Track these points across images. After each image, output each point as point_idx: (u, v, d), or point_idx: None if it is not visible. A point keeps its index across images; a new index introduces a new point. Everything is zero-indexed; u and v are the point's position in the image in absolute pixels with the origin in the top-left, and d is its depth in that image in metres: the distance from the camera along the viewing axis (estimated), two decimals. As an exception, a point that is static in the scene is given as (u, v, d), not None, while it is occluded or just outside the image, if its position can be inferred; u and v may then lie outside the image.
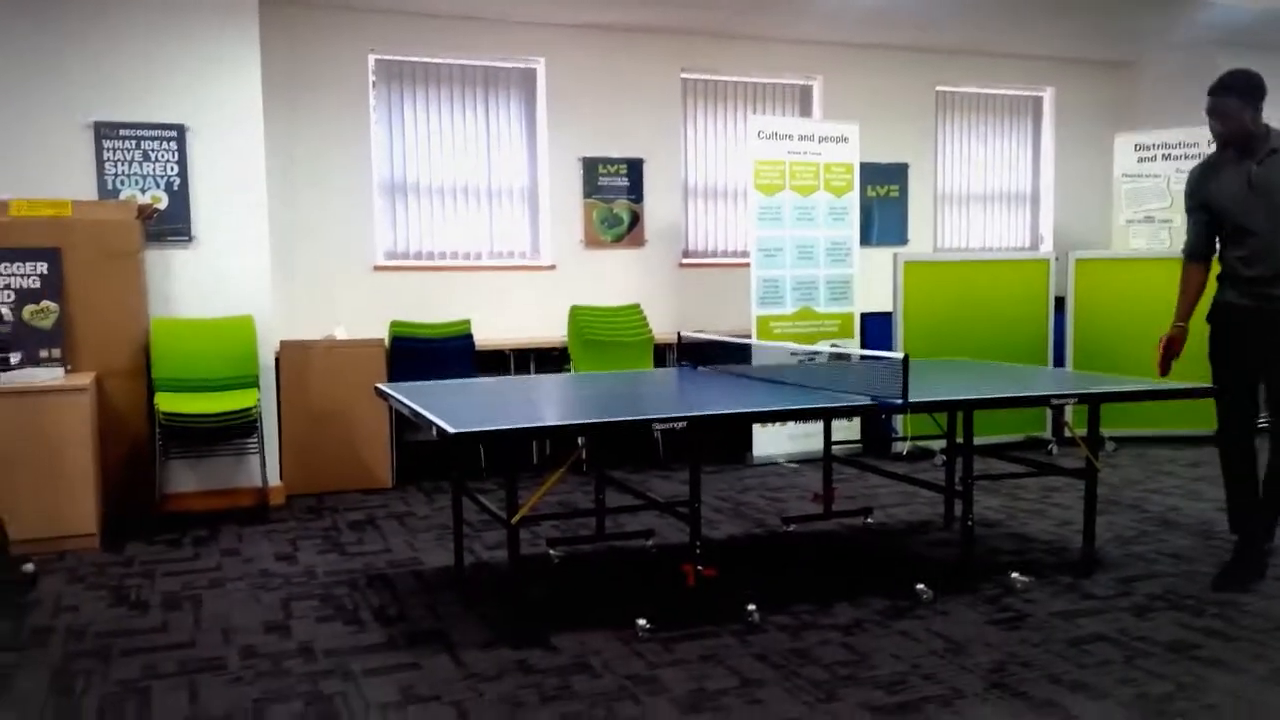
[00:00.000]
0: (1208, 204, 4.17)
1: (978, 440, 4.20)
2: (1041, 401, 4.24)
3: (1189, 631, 3.60)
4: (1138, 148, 7.95)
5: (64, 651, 3.57)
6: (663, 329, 7.26)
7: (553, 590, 4.21)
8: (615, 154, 7.58)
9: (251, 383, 5.65)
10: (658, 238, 7.72)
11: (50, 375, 5.02)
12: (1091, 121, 8.85)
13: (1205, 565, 4.36)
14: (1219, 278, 4.22)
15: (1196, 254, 4.26)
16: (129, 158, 5.60)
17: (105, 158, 5.55)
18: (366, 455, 6.15)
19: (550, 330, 7.20)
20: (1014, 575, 4.15)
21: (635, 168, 7.65)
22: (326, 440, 6.07)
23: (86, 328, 5.33)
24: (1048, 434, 7.17)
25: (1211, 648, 3.45)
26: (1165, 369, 4.28)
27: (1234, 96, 4.00)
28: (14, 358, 5.13)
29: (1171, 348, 4.26)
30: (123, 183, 5.60)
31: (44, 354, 5.21)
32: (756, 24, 7.51)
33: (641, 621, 3.67)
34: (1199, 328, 4.21)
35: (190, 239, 5.71)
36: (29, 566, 4.33)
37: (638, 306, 7.23)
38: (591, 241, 7.55)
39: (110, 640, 3.68)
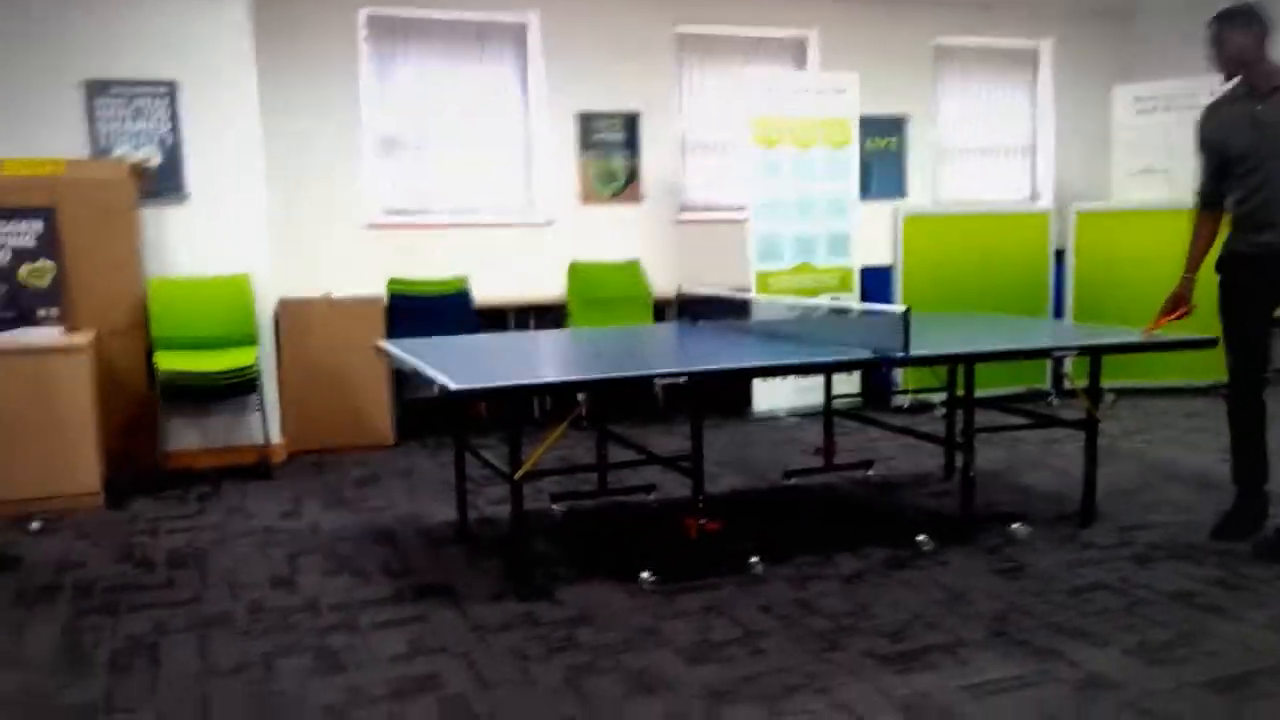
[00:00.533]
0: (1214, 144, 4.05)
1: (978, 393, 4.20)
2: (1042, 354, 4.24)
3: (1189, 580, 3.63)
4: (1137, 99, 7.89)
5: (72, 608, 3.60)
6: (662, 284, 7.24)
7: (556, 544, 4.24)
8: (611, 108, 7.51)
9: (250, 340, 5.64)
10: (655, 193, 7.68)
11: (48, 335, 5.01)
12: (1090, 72, 8.76)
13: (1204, 515, 4.38)
14: (1230, 223, 4.08)
15: (1206, 199, 4.13)
16: (121, 115, 5.55)
17: (97, 116, 5.50)
18: (367, 412, 6.16)
19: (549, 287, 7.18)
20: (1015, 526, 4.17)
21: (631, 122, 7.59)
22: (327, 398, 6.06)
23: (84, 287, 5.31)
24: (1048, 386, 7.18)
25: (1212, 595, 3.48)
26: (1157, 323, 4.20)
27: (1233, 25, 3.90)
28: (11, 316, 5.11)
29: (1178, 305, 4.15)
30: (115, 141, 5.55)
31: (42, 313, 5.20)
32: (754, -25, 7.42)
33: (645, 574, 3.69)
34: (1207, 278, 4.15)
35: (185, 196, 5.67)
36: (35, 524, 4.34)
37: (636, 262, 7.21)
38: (589, 197, 7.51)
39: (118, 596, 3.70)
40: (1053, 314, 7.23)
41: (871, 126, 8.06)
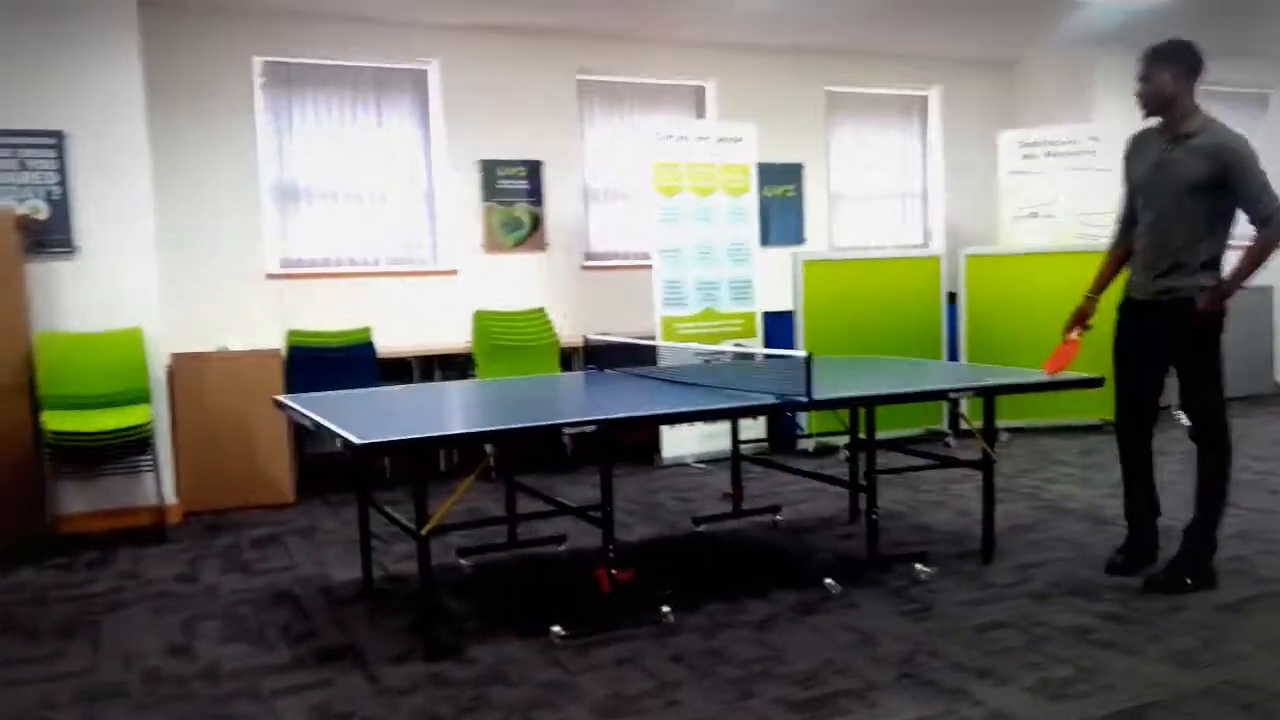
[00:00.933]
0: (1126, 174, 4.15)
1: (880, 434, 4.29)
2: (939, 396, 4.34)
3: (1086, 616, 3.74)
4: (1021, 145, 8.21)
5: (-49, 686, 3.42)
6: (568, 332, 7.24)
7: (465, 600, 4.17)
8: (513, 156, 7.53)
9: (143, 397, 5.47)
10: (559, 241, 7.70)
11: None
12: (977, 120, 9.10)
13: (1099, 550, 4.52)
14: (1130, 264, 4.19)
15: (1121, 226, 4.24)
16: (5, 166, 5.37)
17: (-20, 166, 5.31)
18: (266, 469, 6.00)
19: (453, 336, 7.12)
20: (918, 566, 4.25)
21: (534, 170, 7.61)
22: (224, 455, 5.90)
23: None
24: (945, 427, 7.36)
25: (1108, 631, 3.59)
26: (1054, 366, 4.31)
27: (1159, 62, 3.93)
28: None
29: (1079, 319, 4.26)
30: (1, 191, 5.36)
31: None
32: (649, 26, 7.54)
33: (556, 628, 3.66)
34: (1108, 308, 4.23)
35: (73, 250, 5.49)
36: None
37: (542, 310, 7.20)
38: (492, 245, 7.49)
39: (2, 670, 3.52)
40: (947, 355, 7.43)
41: (769, 174, 8.24)
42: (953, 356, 7.46)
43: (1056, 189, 8.09)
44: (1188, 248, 3.95)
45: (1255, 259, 3.85)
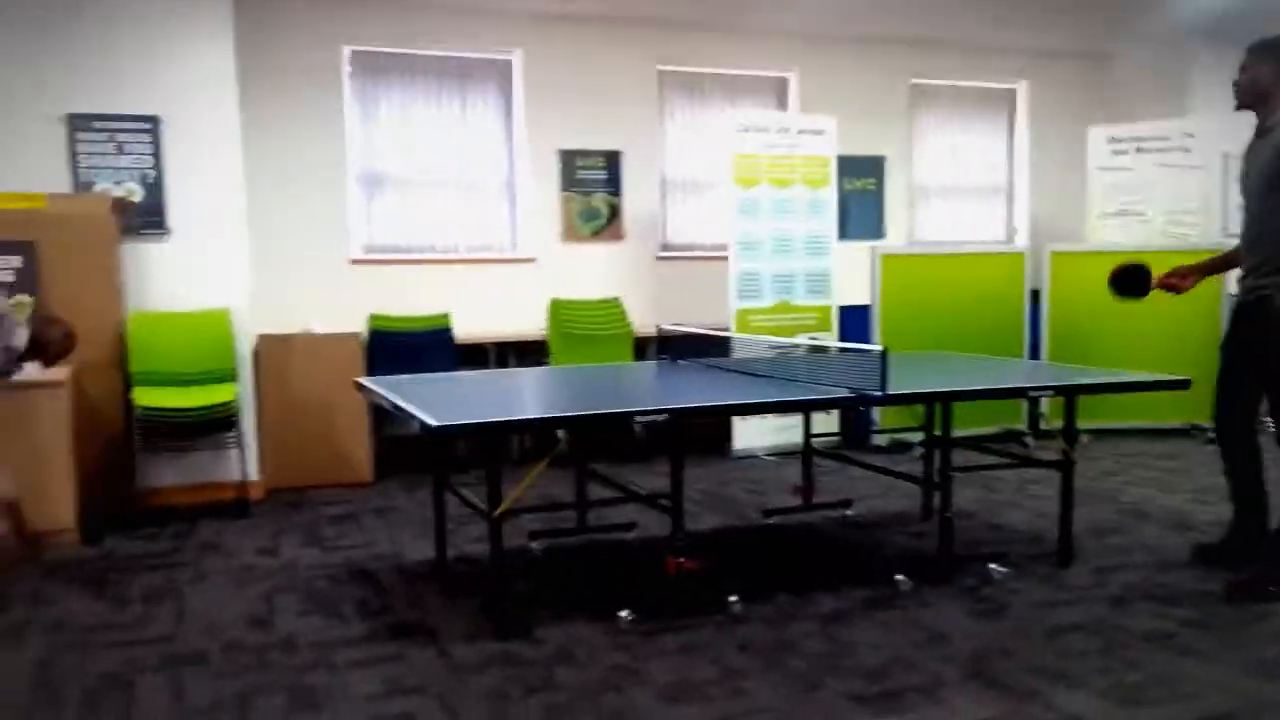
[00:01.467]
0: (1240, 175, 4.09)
1: (955, 433, 4.24)
2: (1019, 394, 4.27)
3: (1166, 621, 3.65)
4: (1111, 140, 8.01)
5: (45, 645, 3.56)
6: (641, 322, 7.26)
7: (536, 583, 4.22)
8: (593, 146, 7.57)
9: (229, 376, 5.63)
10: (636, 231, 7.72)
11: (26, 370, 4.96)
12: (1066, 114, 8.90)
13: (1178, 556, 4.42)
14: None
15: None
16: (103, 150, 5.55)
17: (79, 150, 5.50)
18: (346, 449, 6.14)
19: (529, 323, 7.19)
20: (992, 566, 4.19)
21: (613, 160, 7.65)
22: (306, 434, 6.04)
23: (63, 321, 5.27)
24: (1024, 426, 7.23)
25: (1186, 637, 3.50)
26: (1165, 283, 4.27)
27: (1261, 54, 3.87)
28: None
29: (1180, 276, 4.22)
30: (97, 175, 5.55)
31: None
32: (732, 16, 7.52)
33: (624, 613, 3.68)
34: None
35: (166, 232, 5.67)
36: None
37: (617, 299, 7.24)
38: (570, 235, 7.54)
39: (91, 634, 3.66)
40: (1028, 354, 7.29)
41: (850, 167, 8.16)
42: (1034, 355, 7.32)
43: (1147, 186, 7.89)
44: (1269, 245, 3.85)
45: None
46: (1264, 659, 3.30)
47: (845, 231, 7.94)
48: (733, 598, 3.81)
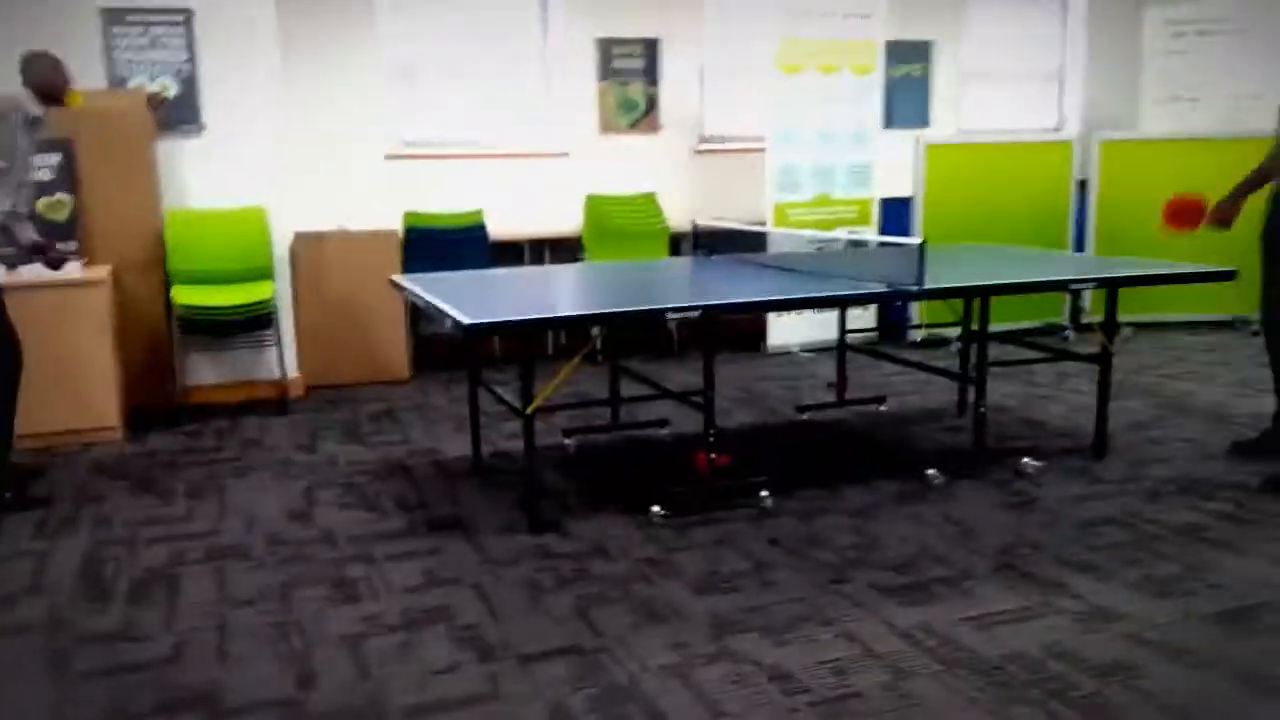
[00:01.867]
0: None
1: (995, 327, 4.18)
2: (1057, 286, 4.21)
3: (1199, 514, 3.64)
4: (1168, 23, 7.69)
5: (91, 539, 3.67)
6: (678, 217, 7.18)
7: (569, 478, 4.27)
8: (631, 34, 7.39)
9: (266, 274, 5.66)
10: (674, 122, 7.58)
11: (67, 269, 5.03)
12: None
13: (1217, 449, 4.37)
14: None
15: None
16: (137, 44, 5.50)
17: (114, 45, 5.45)
18: (383, 347, 6.19)
19: (564, 219, 7.14)
20: (1025, 460, 4.17)
21: (651, 49, 7.47)
22: (343, 332, 6.09)
23: (101, 220, 5.32)
24: (1065, 320, 7.12)
25: (1220, 530, 3.49)
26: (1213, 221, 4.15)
27: None
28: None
29: (1222, 219, 4.10)
30: (131, 70, 5.51)
31: (60, 247, 5.20)
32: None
33: (656, 508, 3.73)
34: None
35: (201, 128, 5.65)
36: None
37: (653, 195, 7.15)
38: (607, 127, 7.42)
39: (137, 529, 3.77)
40: (1074, 247, 7.14)
41: (897, 52, 7.90)
42: (1079, 248, 7.16)
43: (1206, 70, 7.58)
44: None
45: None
46: (1298, 553, 3.28)
47: (890, 120, 7.74)
48: (764, 492, 3.84)
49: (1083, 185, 7.17)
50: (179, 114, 5.60)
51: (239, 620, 3.00)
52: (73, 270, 4.93)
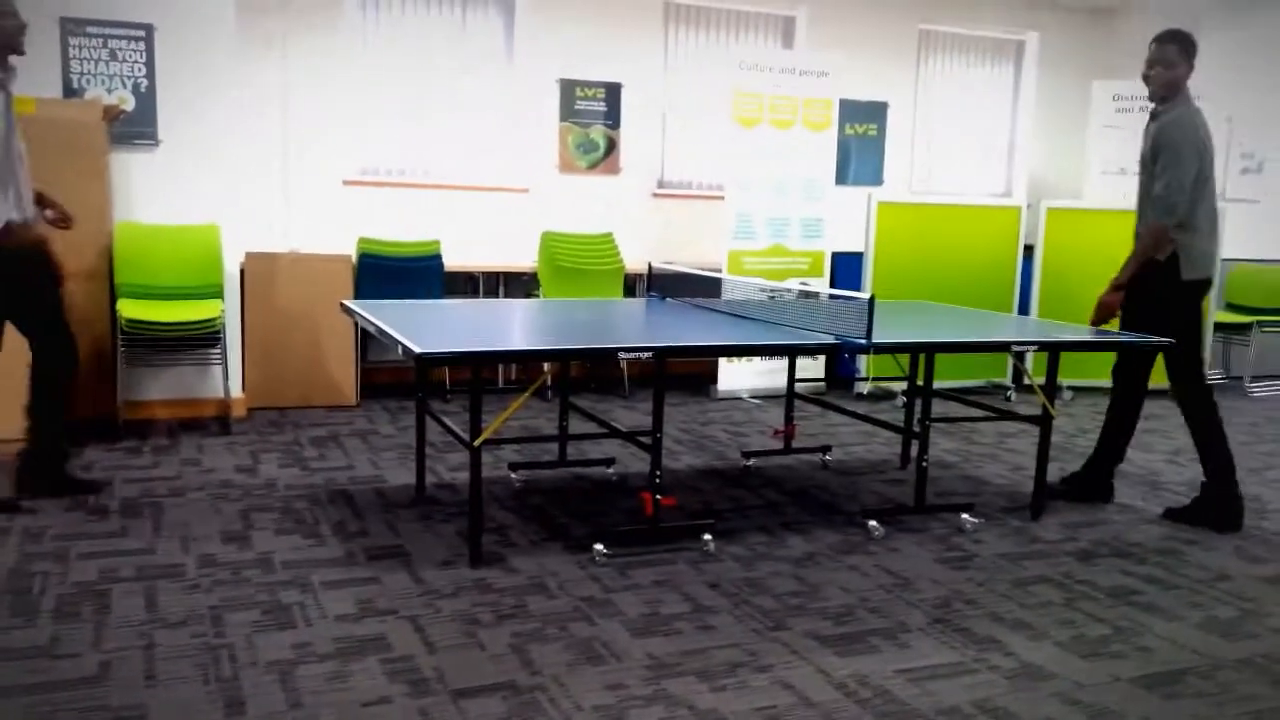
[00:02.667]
0: (1202, 152, 4.27)
1: (940, 384, 4.27)
2: (1001, 347, 4.29)
3: (1130, 578, 3.71)
4: (1116, 97, 7.94)
5: (20, 552, 3.58)
6: (634, 258, 7.24)
7: (513, 513, 4.25)
8: (594, 77, 7.48)
9: (216, 293, 5.60)
10: (633, 166, 7.66)
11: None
12: (1073, 69, 8.80)
13: (1150, 514, 4.47)
14: (1195, 238, 4.31)
15: (1184, 211, 4.31)
16: (95, 56, 5.47)
17: (71, 55, 5.41)
18: (331, 371, 6.14)
19: (520, 255, 7.16)
20: (964, 516, 4.23)
21: (614, 92, 7.56)
22: (291, 354, 6.04)
23: (48, 229, 5.22)
24: (1008, 380, 7.26)
25: (1150, 594, 3.56)
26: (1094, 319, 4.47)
27: (1176, 46, 4.21)
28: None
29: (1107, 316, 4.44)
30: (88, 82, 5.47)
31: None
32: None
33: (599, 546, 3.72)
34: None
35: (156, 143, 5.60)
36: None
37: (610, 235, 7.20)
38: (566, 166, 7.48)
39: (68, 543, 3.69)
40: (1018, 309, 7.30)
41: (853, 111, 8.09)
42: (1024, 311, 7.32)
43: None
44: (1142, 217, 4.44)
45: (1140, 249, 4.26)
46: (1223, 619, 3.36)
47: (844, 176, 7.90)
48: (706, 536, 3.85)
49: (1029, 249, 7.34)
50: (135, 127, 5.56)
51: (169, 641, 2.93)
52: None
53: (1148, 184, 4.31)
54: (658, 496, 3.78)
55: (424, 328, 3.76)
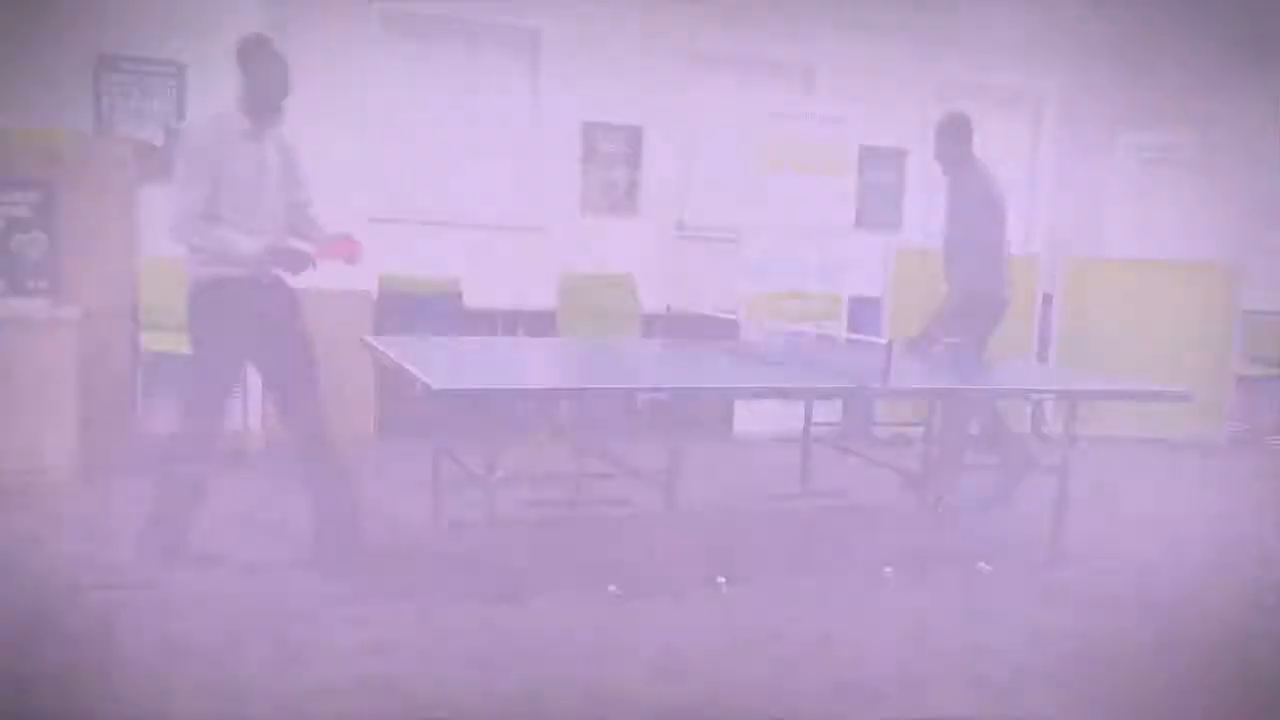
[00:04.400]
0: None
1: (955, 429, 4.25)
2: (1020, 395, 4.28)
3: (1148, 631, 3.67)
4: (1139, 148, 7.96)
5: (36, 581, 3.60)
6: (653, 300, 7.25)
7: (527, 551, 4.25)
8: (616, 121, 7.55)
9: (239, 327, 5.63)
10: (654, 208, 7.71)
11: (36, 307, 5.00)
12: (1095, 118, 8.79)
13: (1170, 568, 4.44)
14: None
15: None
16: (128, 93, 5.56)
17: (104, 91, 5.51)
18: (350, 406, 6.15)
19: (540, 295, 7.19)
20: (980, 564, 4.20)
21: (635, 136, 7.62)
22: (310, 389, 6.06)
23: (76, 262, 5.30)
24: (1027, 429, 7.22)
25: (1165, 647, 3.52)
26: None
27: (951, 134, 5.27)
28: None
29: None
30: (120, 118, 5.56)
31: (31, 284, 5.19)
32: (765, -1, 7.48)
33: (612, 587, 3.71)
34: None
35: (185, 180, 5.67)
36: None
37: (630, 276, 7.24)
38: (587, 208, 7.53)
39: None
40: (1036, 358, 7.27)
41: (872, 157, 8.11)
42: (1042, 360, 7.29)
43: (1168, 195, 7.84)
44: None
45: None
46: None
47: (863, 222, 7.91)
48: (720, 578, 3.84)
49: (1048, 299, 7.33)
50: (165, 165, 5.63)
51: (182, 674, 2.94)
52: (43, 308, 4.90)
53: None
54: (671, 536, 3.78)
55: (442, 364, 3.79)
